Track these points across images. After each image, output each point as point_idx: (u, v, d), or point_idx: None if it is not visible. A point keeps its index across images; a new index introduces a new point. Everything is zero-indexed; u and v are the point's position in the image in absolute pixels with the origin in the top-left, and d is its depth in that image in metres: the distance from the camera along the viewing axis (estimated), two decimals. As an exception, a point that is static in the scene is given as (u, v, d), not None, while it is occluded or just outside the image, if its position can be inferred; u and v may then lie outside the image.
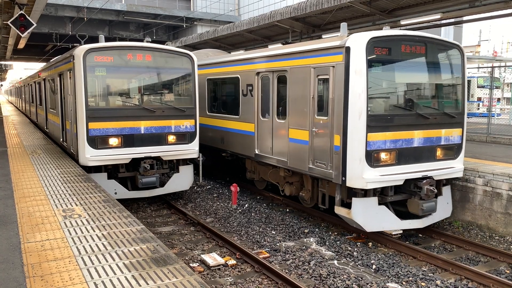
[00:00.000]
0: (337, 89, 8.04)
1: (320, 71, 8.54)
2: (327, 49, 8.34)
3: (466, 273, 7.03)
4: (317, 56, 8.62)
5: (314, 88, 8.72)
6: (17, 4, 10.87)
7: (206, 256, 7.64)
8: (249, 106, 11.06)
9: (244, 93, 11.28)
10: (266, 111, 10.47)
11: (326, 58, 8.37)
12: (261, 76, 10.61)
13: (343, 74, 7.87)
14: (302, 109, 9.07)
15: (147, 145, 10.25)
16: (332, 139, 8.26)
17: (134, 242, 5.06)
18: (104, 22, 31.05)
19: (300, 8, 14.25)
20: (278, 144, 10.00)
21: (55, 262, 4.43)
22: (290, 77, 9.44)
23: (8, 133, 17.08)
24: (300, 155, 9.21)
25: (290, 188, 10.32)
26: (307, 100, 8.92)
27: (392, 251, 8.19)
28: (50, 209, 6.37)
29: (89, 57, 9.66)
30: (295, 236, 8.98)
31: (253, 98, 10.88)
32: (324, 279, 6.93)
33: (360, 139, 7.75)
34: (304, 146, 9.05)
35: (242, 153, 11.66)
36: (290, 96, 9.44)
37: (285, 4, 27.22)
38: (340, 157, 8.01)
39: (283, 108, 9.83)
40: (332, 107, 8.22)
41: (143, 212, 10.82)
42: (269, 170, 11.09)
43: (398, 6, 12.77)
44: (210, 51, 15.87)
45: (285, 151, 9.70)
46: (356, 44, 7.71)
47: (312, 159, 8.86)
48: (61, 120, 12.36)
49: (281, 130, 9.85)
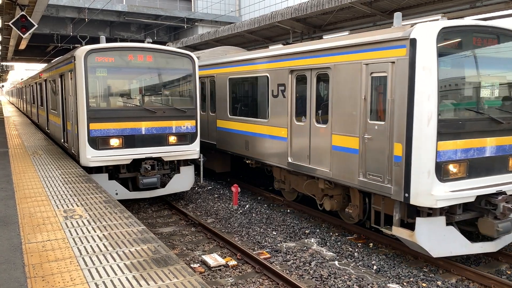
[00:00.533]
0: (398, 89, 6.90)
1: (374, 68, 7.39)
2: (384, 42, 7.17)
3: (467, 274, 7.02)
4: (371, 51, 7.45)
5: (367, 87, 7.55)
6: (18, 5, 10.90)
7: (207, 257, 7.64)
8: (281, 108, 9.92)
9: (274, 94, 10.12)
10: (302, 114, 9.33)
11: (383, 52, 7.22)
12: (296, 75, 9.44)
13: (406, 71, 6.75)
14: (350, 112, 7.91)
15: (148, 145, 10.26)
16: (390, 148, 7.09)
17: (135, 242, 5.06)
18: (105, 23, 31.08)
19: (301, 8, 14.26)
20: (318, 152, 8.81)
21: (56, 263, 4.44)
22: (334, 75, 8.23)
23: (9, 134, 17.10)
24: (346, 166, 8.04)
25: (331, 202, 9.06)
26: (356, 102, 7.75)
27: (393, 251, 8.18)
28: (51, 210, 6.37)
29: (90, 58, 9.68)
30: (296, 237, 8.97)
31: (285, 100, 9.73)
32: (325, 279, 6.92)
33: (428, 149, 6.61)
34: (352, 156, 7.87)
35: (272, 161, 10.44)
36: (334, 97, 8.26)
37: (286, 5, 27.24)
38: (402, 170, 6.86)
39: (324, 111, 8.71)
40: (390, 110, 7.06)
41: (144, 212, 10.83)
42: (304, 181, 9.87)
43: (399, 6, 12.77)
44: (229, 49, 14.96)
45: (327, 160, 8.54)
46: (424, 35, 6.59)
47: (363, 171, 7.68)
48: (62, 121, 12.38)
49: (322, 136, 8.68)
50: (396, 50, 6.99)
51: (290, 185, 10.54)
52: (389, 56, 7.11)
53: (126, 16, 29.44)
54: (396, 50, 6.99)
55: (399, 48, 6.94)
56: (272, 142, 10.35)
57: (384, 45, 7.21)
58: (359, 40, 7.67)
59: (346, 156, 8.07)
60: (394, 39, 6.99)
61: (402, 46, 6.88)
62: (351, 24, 14.46)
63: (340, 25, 15.27)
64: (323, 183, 9.07)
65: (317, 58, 8.74)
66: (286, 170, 10.24)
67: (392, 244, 8.31)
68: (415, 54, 6.64)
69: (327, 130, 8.53)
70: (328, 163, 8.52)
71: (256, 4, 31.97)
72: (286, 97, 9.72)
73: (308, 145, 9.11)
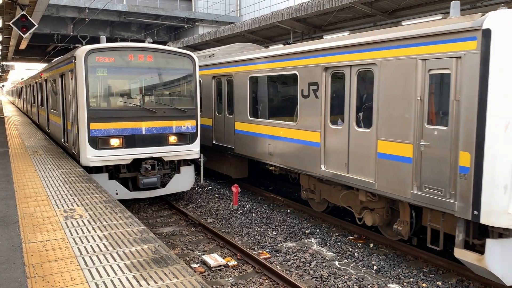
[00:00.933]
0: (466, 88, 5.98)
1: (434, 64, 6.44)
2: (447, 34, 6.21)
3: (468, 274, 7.02)
4: (429, 44, 6.50)
5: (423, 87, 6.59)
6: (19, 5, 10.91)
7: (207, 257, 7.64)
8: (312, 110, 8.89)
9: (305, 94, 9.11)
10: (339, 117, 8.38)
11: (445, 46, 6.27)
12: (331, 72, 8.43)
13: (477, 67, 5.82)
14: (401, 115, 6.94)
15: (148, 145, 10.26)
16: (455, 157, 6.18)
17: (135, 242, 5.06)
18: (106, 23, 31.10)
19: (301, 9, 14.26)
20: (358, 160, 7.82)
21: (56, 263, 4.44)
22: (380, 72, 7.28)
23: (10, 133, 17.11)
24: (396, 177, 7.06)
25: (373, 216, 8.06)
26: (409, 103, 6.78)
27: (393, 252, 8.18)
28: (52, 210, 6.37)
29: (90, 58, 9.68)
30: (296, 237, 8.97)
31: (318, 101, 8.71)
32: (325, 280, 6.92)
33: (506, 159, 5.70)
34: (404, 165, 6.90)
35: (300, 169, 9.41)
36: (380, 97, 7.29)
37: (287, 5, 27.25)
38: (471, 183, 5.95)
39: (367, 114, 7.70)
40: (455, 113, 6.14)
41: (144, 212, 10.83)
42: (338, 191, 8.85)
43: (399, 7, 12.78)
44: (245, 45, 14.11)
45: (370, 169, 7.56)
46: (501, 25, 5.63)
47: (417, 183, 6.72)
48: (63, 121, 12.38)
49: (364, 142, 7.69)
50: (463, 43, 6.01)
51: (321, 196, 9.51)
52: (453, 50, 6.15)
53: (126, 16, 29.46)
54: (463, 43, 6.02)
55: (467, 41, 5.97)
56: (301, 148, 9.31)
57: (447, 37, 6.22)
58: (414, 32, 6.65)
59: (396, 166, 7.05)
60: (461, 30, 5.99)
61: (471, 38, 5.91)
62: (352, 24, 14.48)
63: (341, 25, 15.28)
64: (364, 195, 8.04)
65: (358, 53, 7.72)
66: (317, 178, 9.28)
67: (392, 244, 8.30)
68: (489, 47, 5.69)
69: (371, 135, 7.53)
70: (372, 173, 7.55)
71: (256, 4, 31.98)
72: (319, 97, 8.70)
73: (346, 151, 8.09)
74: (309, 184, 9.85)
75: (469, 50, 5.94)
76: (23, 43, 20.15)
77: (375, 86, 7.43)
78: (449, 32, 6.18)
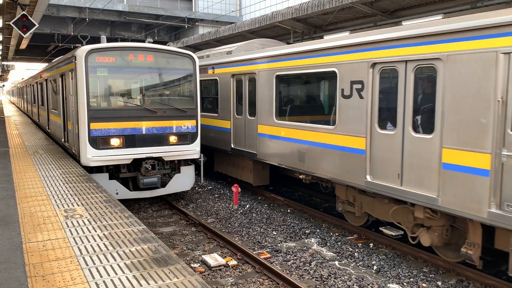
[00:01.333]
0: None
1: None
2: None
3: (468, 274, 7.02)
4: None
5: (506, 85, 5.64)
6: (19, 5, 10.92)
7: (207, 257, 7.65)
8: (355, 112, 7.89)
9: (346, 94, 8.10)
10: (389, 120, 7.37)
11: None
12: (380, 69, 7.42)
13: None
14: (475, 119, 5.95)
15: (148, 145, 10.27)
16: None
17: (135, 242, 5.07)
18: (106, 23, 31.11)
19: (301, 9, 14.27)
20: (416, 170, 6.82)
21: (57, 262, 4.44)
22: (446, 68, 6.29)
23: (10, 133, 17.11)
24: (468, 192, 6.09)
25: (431, 236, 7.04)
26: (487, 105, 5.79)
27: (393, 251, 8.19)
28: (52, 209, 6.38)
29: (90, 58, 9.69)
30: (296, 237, 8.98)
31: (363, 101, 7.69)
32: (325, 280, 6.93)
33: None
34: (479, 178, 5.93)
35: (340, 179, 8.35)
36: (447, 98, 6.31)
37: (287, 5, 27.26)
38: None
39: (427, 117, 6.75)
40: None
41: (145, 212, 10.84)
42: (386, 205, 7.85)
43: (399, 7, 12.78)
44: (266, 41, 13.13)
45: (432, 182, 6.58)
46: None
47: (496, 200, 5.77)
48: (63, 121, 12.39)
49: (423, 150, 6.69)
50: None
51: (362, 209, 8.49)
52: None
53: (127, 16, 29.47)
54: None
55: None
56: (340, 155, 8.29)
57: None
58: (492, 20, 5.66)
59: (467, 179, 6.07)
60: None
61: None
62: (352, 24, 14.48)
63: (341, 25, 15.29)
64: (422, 212, 6.99)
65: (416, 46, 6.70)
66: (358, 189, 8.41)
67: (392, 244, 8.31)
68: None
69: (433, 142, 6.54)
70: (434, 186, 6.55)
71: (256, 4, 31.98)
72: (364, 98, 7.66)
73: (399, 160, 7.05)
74: (347, 196, 8.84)
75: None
76: (23, 43, 20.17)
77: (439, 85, 6.43)
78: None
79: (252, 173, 11.95)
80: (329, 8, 13.20)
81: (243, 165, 12.34)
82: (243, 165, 12.34)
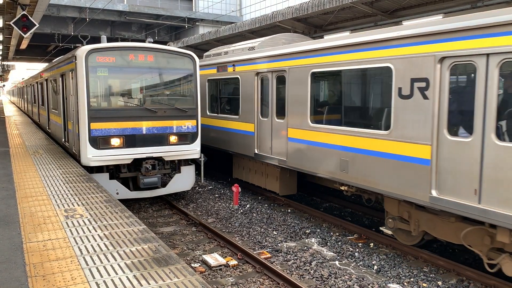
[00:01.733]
0: None
1: None
2: None
3: (468, 274, 7.02)
4: None
5: None
6: (20, 5, 10.92)
7: (207, 257, 7.65)
8: (417, 115, 6.77)
9: (404, 93, 6.99)
10: (463, 125, 6.27)
11: None
12: (450, 65, 6.30)
13: None
14: None
15: (149, 145, 10.28)
16: None
17: (135, 242, 5.07)
18: (106, 23, 31.12)
19: (302, 8, 14.27)
20: (500, 186, 5.70)
21: (57, 262, 4.45)
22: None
23: (10, 133, 17.12)
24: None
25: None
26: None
27: (394, 251, 8.18)
28: (52, 209, 6.38)
29: (91, 58, 9.70)
30: (296, 237, 8.98)
31: (427, 103, 6.58)
32: (325, 279, 6.93)
33: None
34: None
35: (396, 192, 7.23)
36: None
37: (287, 5, 27.26)
38: None
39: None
40: None
41: (145, 212, 10.84)
42: (451, 223, 6.82)
43: (400, 7, 12.78)
44: (292, 36, 12.07)
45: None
46: None
47: None
48: (63, 121, 12.39)
49: (511, 162, 5.60)
50: None
51: (419, 227, 7.41)
52: None
53: (127, 16, 29.48)
54: None
55: None
56: (396, 164, 7.20)
57: None
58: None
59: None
60: None
61: None
62: (352, 24, 14.47)
63: (341, 25, 15.28)
64: (507, 235, 5.88)
65: (500, 37, 5.58)
66: (416, 205, 7.38)
67: (393, 244, 8.31)
68: None
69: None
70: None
71: (257, 4, 31.98)
72: (429, 98, 6.57)
73: (477, 173, 5.94)
74: (401, 212, 7.73)
75: None
76: (23, 43, 20.18)
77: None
78: None
79: (279, 181, 11.02)
80: (329, 8, 13.20)
81: (268, 172, 11.37)
82: (268, 172, 11.38)
